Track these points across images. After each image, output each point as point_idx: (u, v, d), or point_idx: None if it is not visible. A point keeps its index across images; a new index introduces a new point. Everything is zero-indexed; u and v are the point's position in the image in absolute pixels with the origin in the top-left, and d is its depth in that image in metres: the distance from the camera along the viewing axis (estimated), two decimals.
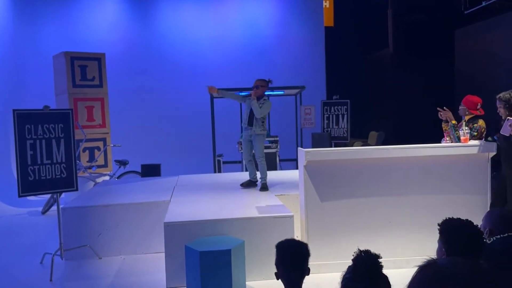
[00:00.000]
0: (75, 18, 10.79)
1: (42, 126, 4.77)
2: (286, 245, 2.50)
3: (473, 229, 2.31)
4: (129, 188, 6.39)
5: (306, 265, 2.47)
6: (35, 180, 4.75)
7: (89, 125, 8.31)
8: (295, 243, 2.53)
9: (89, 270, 4.83)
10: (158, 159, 8.96)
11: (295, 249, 2.47)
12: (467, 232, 2.29)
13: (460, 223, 2.37)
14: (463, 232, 2.29)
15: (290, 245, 2.50)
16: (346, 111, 9.97)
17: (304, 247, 2.49)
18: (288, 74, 11.16)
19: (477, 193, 4.53)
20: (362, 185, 4.47)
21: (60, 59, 8.26)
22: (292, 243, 2.53)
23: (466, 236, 2.27)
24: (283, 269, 2.41)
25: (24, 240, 6.14)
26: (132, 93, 10.77)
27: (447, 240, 2.31)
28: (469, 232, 2.29)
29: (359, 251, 1.92)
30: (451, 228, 2.35)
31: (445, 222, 2.44)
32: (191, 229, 4.27)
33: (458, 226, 2.34)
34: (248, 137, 5.70)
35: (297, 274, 2.40)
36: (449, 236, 2.31)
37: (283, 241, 2.54)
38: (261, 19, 11.69)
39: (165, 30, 11.30)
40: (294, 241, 2.55)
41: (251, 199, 5.16)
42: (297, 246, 2.49)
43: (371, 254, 1.88)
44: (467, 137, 4.51)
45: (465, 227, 2.33)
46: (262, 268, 4.29)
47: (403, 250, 4.44)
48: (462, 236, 2.27)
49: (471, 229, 2.31)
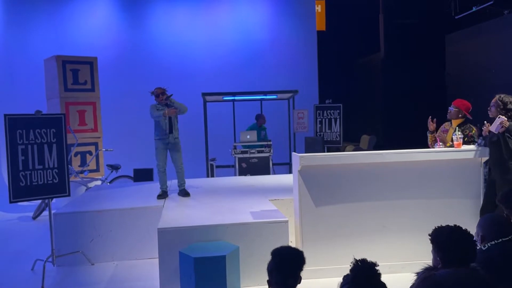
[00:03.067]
0: (66, 21, 10.71)
1: (34, 131, 4.72)
2: (283, 252, 2.49)
3: (464, 235, 2.31)
4: (121, 193, 6.34)
5: (300, 273, 2.46)
6: (27, 186, 4.69)
7: (81, 129, 8.25)
8: (293, 250, 2.52)
9: (81, 276, 4.78)
10: (151, 163, 8.88)
11: (293, 256, 2.45)
12: (458, 239, 2.29)
13: (450, 230, 2.37)
14: (454, 239, 2.29)
15: (287, 252, 2.48)
16: (338, 115, 10.00)
17: (301, 254, 2.48)
18: (280, 78, 11.18)
19: (470, 197, 4.56)
20: (357, 190, 4.48)
21: (52, 63, 8.19)
22: (289, 250, 2.52)
23: (458, 242, 2.27)
24: (278, 276, 2.39)
25: (14, 246, 6.06)
26: (124, 97, 10.69)
27: (440, 249, 2.31)
28: (461, 239, 2.29)
29: (355, 260, 1.91)
30: (442, 237, 2.35)
31: (435, 231, 2.43)
32: (185, 235, 4.24)
33: (449, 234, 2.34)
34: (165, 146, 5.69)
35: (292, 281, 2.39)
36: (441, 244, 2.32)
37: (280, 248, 2.53)
38: (253, 23, 11.69)
39: (157, 33, 11.26)
40: (291, 248, 2.54)
41: (245, 204, 5.14)
42: (295, 253, 2.48)
43: (368, 263, 1.88)
44: (460, 142, 4.53)
45: (455, 233, 2.34)
46: (256, 274, 4.26)
47: (398, 255, 4.45)
48: (454, 243, 2.27)
49: (462, 235, 2.32)
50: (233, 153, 8.50)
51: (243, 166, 8.42)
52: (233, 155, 8.51)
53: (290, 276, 2.38)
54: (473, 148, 4.55)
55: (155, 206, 5.30)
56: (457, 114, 4.88)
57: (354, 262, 1.93)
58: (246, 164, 8.43)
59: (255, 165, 8.41)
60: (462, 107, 4.83)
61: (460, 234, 2.28)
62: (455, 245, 2.21)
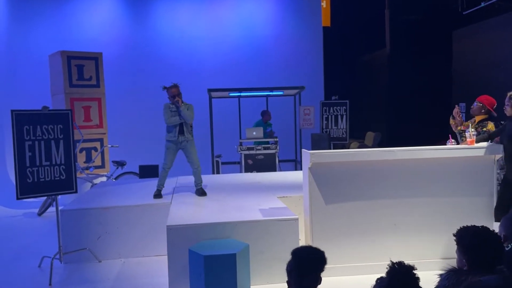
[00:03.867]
0: (70, 18, 10.65)
1: (41, 127, 4.67)
2: (303, 252, 2.42)
3: (491, 237, 2.25)
4: (128, 189, 6.29)
5: (320, 274, 2.40)
6: (34, 182, 4.65)
7: (86, 126, 8.20)
8: (313, 250, 2.45)
9: (89, 273, 4.74)
10: (156, 160, 8.85)
11: (313, 257, 2.39)
12: (486, 241, 2.22)
13: (477, 231, 2.30)
14: (481, 241, 2.22)
15: (308, 252, 2.42)
16: (345, 112, 9.93)
17: (321, 255, 2.42)
18: (285, 74, 11.11)
19: (483, 195, 4.49)
20: (368, 187, 4.42)
21: (57, 59, 8.14)
22: (310, 250, 2.45)
23: (485, 245, 2.20)
24: (297, 276, 2.33)
25: (20, 242, 6.03)
26: (129, 93, 10.65)
27: (466, 251, 2.23)
28: (488, 240, 2.23)
29: (392, 263, 1.83)
30: (467, 238, 2.27)
31: (460, 232, 2.36)
32: (194, 232, 4.19)
33: (475, 236, 2.27)
34: (176, 147, 5.50)
35: (311, 282, 2.33)
36: (468, 247, 2.24)
37: (300, 247, 2.47)
38: (258, 19, 11.62)
39: (161, 29, 11.20)
40: (311, 248, 2.47)
41: (253, 202, 5.08)
42: (315, 254, 2.42)
43: (406, 266, 1.79)
44: (473, 139, 4.46)
45: (482, 235, 2.26)
46: (266, 272, 4.23)
47: (409, 253, 4.38)
48: (481, 246, 2.20)
49: (489, 237, 2.25)
50: (239, 149, 8.44)
51: (249, 163, 8.36)
52: (239, 151, 8.45)
53: (309, 276, 2.32)
54: (485, 145, 4.47)
55: (162, 203, 5.26)
56: (479, 110, 4.82)
57: (391, 265, 1.84)
58: (252, 161, 8.38)
59: (261, 161, 8.35)
60: (485, 102, 4.77)
61: (487, 235, 2.21)
62: (482, 248, 2.14)
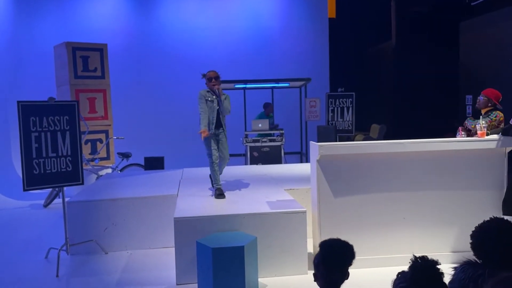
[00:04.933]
0: (75, 8, 10.59)
1: (47, 118, 4.64)
2: (332, 244, 2.37)
3: (508, 228, 2.18)
4: (134, 181, 6.28)
5: (348, 268, 2.34)
6: (40, 174, 4.63)
7: (91, 117, 8.18)
8: (342, 243, 2.39)
9: (95, 265, 4.73)
10: (161, 151, 8.84)
11: (341, 250, 2.34)
12: (501, 232, 2.15)
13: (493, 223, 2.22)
14: (497, 232, 2.14)
15: (336, 245, 2.36)
16: (351, 104, 9.87)
17: (350, 248, 2.36)
18: (291, 66, 11.03)
19: (492, 189, 4.44)
20: (376, 180, 4.38)
21: (62, 50, 8.10)
22: (338, 243, 2.40)
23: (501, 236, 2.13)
24: (324, 269, 2.27)
25: (27, 234, 6.03)
26: (134, 85, 10.61)
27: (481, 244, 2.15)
28: (504, 232, 2.16)
29: (415, 257, 1.78)
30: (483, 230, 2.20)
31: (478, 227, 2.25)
32: (201, 225, 4.17)
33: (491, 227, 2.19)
34: (215, 137, 5.04)
35: (339, 276, 2.28)
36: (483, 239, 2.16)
37: (328, 240, 2.41)
38: (264, 11, 11.52)
39: (167, 20, 11.12)
40: (340, 241, 2.42)
41: (260, 194, 5.06)
42: (343, 247, 2.36)
43: (429, 261, 1.74)
44: (484, 131, 4.41)
45: (499, 226, 2.19)
46: (274, 264, 4.22)
47: (418, 247, 4.34)
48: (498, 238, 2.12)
49: (506, 228, 2.18)
50: (245, 142, 8.40)
51: (255, 155, 8.33)
52: (245, 144, 8.41)
53: (337, 270, 2.27)
54: (496, 137, 4.42)
55: (169, 195, 5.24)
56: (486, 104, 4.77)
57: (414, 259, 1.78)
58: (258, 153, 8.34)
59: (266, 154, 8.32)
60: (491, 96, 4.72)
61: (505, 227, 2.14)
62: (500, 241, 2.07)
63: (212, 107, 4.95)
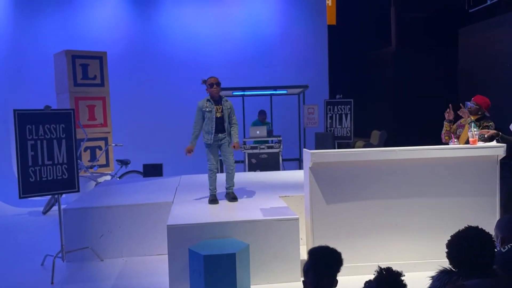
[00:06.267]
0: (76, 16, 10.70)
1: (43, 126, 4.70)
2: (320, 251, 2.42)
3: (479, 236, 2.21)
4: (131, 188, 6.32)
5: (336, 274, 2.38)
6: (36, 181, 4.68)
7: (91, 124, 8.25)
8: (330, 250, 2.44)
9: (90, 272, 4.76)
10: (160, 158, 8.88)
11: (329, 257, 2.38)
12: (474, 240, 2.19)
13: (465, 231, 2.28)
14: (469, 240, 2.19)
15: (324, 252, 2.41)
16: (349, 111, 9.89)
17: (338, 255, 2.41)
18: (290, 72, 11.09)
19: (486, 195, 4.44)
20: (369, 187, 4.40)
21: (61, 58, 8.19)
22: (326, 250, 2.44)
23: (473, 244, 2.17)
24: (313, 276, 2.32)
25: (24, 240, 6.08)
26: (133, 92, 10.69)
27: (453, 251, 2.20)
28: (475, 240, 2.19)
29: (380, 268, 1.82)
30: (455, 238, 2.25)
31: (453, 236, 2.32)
32: (194, 232, 4.20)
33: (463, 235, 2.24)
34: (217, 143, 5.05)
35: (328, 282, 2.32)
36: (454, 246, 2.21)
37: (317, 247, 2.46)
38: (263, 18, 11.60)
39: (166, 27, 11.22)
40: (328, 248, 2.47)
41: (255, 201, 5.08)
42: (332, 254, 2.41)
43: (394, 272, 1.78)
44: (476, 139, 4.43)
45: (470, 235, 2.24)
46: (266, 271, 4.23)
47: (411, 254, 4.37)
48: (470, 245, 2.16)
49: (477, 236, 2.22)
50: (243, 148, 8.44)
51: (253, 162, 8.36)
52: (243, 150, 8.45)
53: (325, 277, 2.31)
54: (489, 145, 4.44)
55: (165, 202, 5.27)
56: (477, 111, 4.81)
57: (379, 270, 1.83)
58: (256, 160, 8.37)
59: (264, 160, 8.35)
60: (483, 105, 4.77)
61: (476, 236, 2.17)
62: (471, 249, 2.11)
63: (210, 117, 4.97)
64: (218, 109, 4.98)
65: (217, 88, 4.98)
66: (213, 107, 4.97)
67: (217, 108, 4.98)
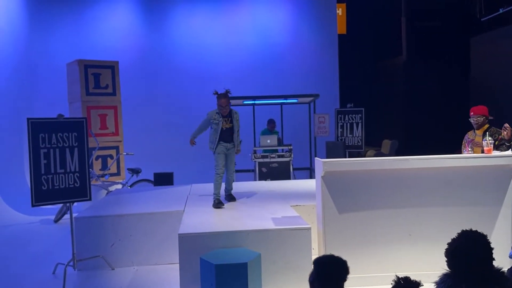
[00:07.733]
0: (88, 26, 10.84)
1: (56, 135, 4.73)
2: (325, 261, 2.38)
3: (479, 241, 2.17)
4: (142, 197, 6.33)
5: (343, 284, 2.34)
6: (49, 190, 4.70)
7: (102, 133, 8.29)
8: (335, 259, 2.40)
9: (101, 281, 4.76)
10: (171, 167, 8.90)
11: (335, 266, 2.34)
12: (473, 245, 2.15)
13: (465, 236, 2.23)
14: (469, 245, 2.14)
15: (329, 262, 2.37)
16: (360, 120, 9.84)
17: (344, 264, 2.37)
18: (300, 82, 11.09)
19: (500, 205, 4.37)
20: (382, 197, 4.35)
21: (74, 67, 8.27)
22: (331, 259, 2.40)
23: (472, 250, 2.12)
24: (319, 286, 2.28)
25: (36, 249, 6.10)
26: (144, 101, 10.76)
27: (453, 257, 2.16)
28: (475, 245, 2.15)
29: (398, 278, 1.79)
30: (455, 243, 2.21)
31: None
32: (205, 241, 4.17)
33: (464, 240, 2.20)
34: (225, 151, 5.47)
35: None
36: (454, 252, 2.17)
37: (322, 257, 2.43)
38: (274, 27, 11.64)
39: (177, 37, 11.30)
40: (333, 257, 2.42)
41: (266, 210, 5.05)
42: (337, 263, 2.37)
43: (412, 282, 1.75)
44: (490, 148, 4.38)
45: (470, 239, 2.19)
46: (278, 281, 4.19)
47: (424, 264, 4.29)
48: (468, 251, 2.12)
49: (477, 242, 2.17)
50: (253, 157, 8.43)
51: (263, 171, 8.34)
52: (253, 159, 8.43)
53: (332, 286, 2.27)
54: (504, 154, 4.38)
55: (176, 211, 5.26)
56: (484, 122, 4.82)
57: (396, 280, 1.79)
58: (266, 169, 8.35)
59: (275, 169, 8.32)
60: (486, 113, 4.79)
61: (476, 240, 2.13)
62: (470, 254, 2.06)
63: (216, 129, 5.41)
64: (227, 121, 5.41)
65: (226, 108, 5.38)
66: (221, 120, 5.39)
67: (225, 120, 5.40)
